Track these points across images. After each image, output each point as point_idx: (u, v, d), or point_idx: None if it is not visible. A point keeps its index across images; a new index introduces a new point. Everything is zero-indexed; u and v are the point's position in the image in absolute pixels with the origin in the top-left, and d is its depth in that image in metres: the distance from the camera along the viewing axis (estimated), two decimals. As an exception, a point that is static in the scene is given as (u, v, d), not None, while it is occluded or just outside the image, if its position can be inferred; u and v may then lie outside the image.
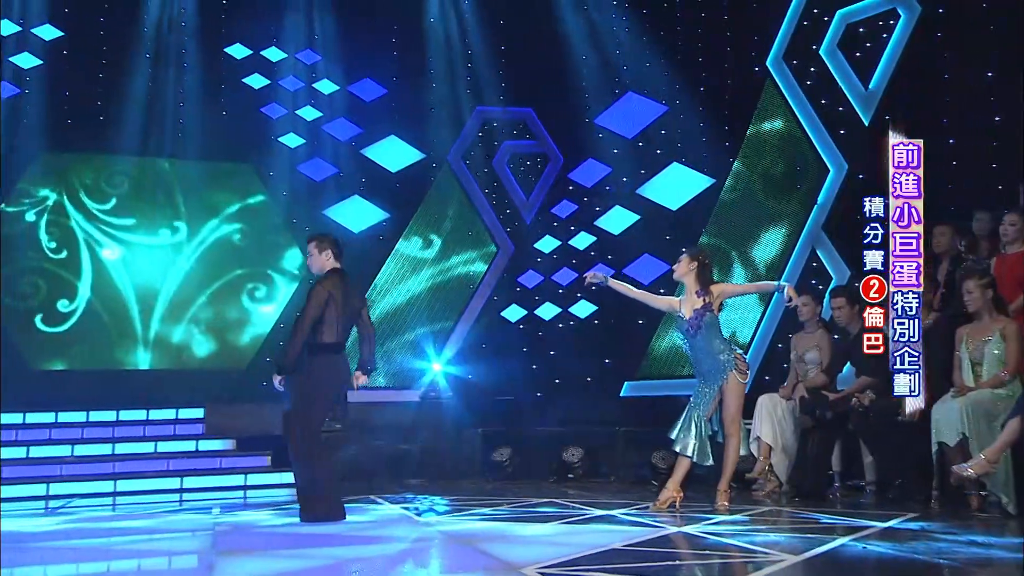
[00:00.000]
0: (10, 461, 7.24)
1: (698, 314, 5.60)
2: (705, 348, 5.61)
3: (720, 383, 5.58)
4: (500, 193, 10.81)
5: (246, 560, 4.21)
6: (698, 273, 5.69)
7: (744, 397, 5.68)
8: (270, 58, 10.34)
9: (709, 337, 5.59)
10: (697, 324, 5.59)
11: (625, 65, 9.95)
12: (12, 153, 9.30)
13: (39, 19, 9.46)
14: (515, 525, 5.10)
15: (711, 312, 5.61)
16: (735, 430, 5.62)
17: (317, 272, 5.57)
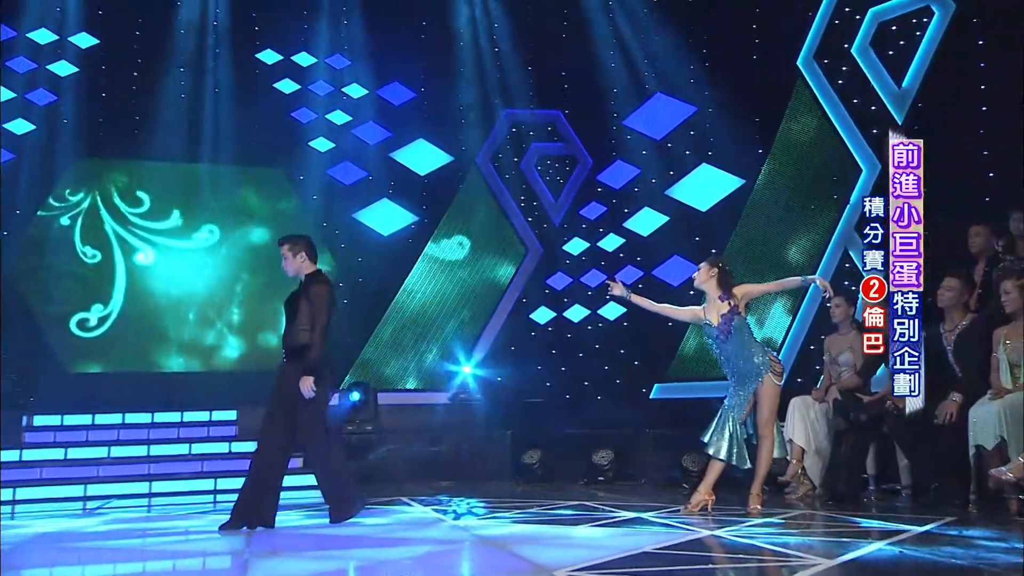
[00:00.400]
0: (49, 462, 7.38)
1: (726, 319, 5.55)
2: (738, 352, 5.56)
3: (755, 386, 5.53)
4: (529, 195, 10.83)
5: (279, 561, 4.25)
6: (719, 279, 5.64)
7: (779, 399, 5.63)
8: (300, 63, 10.45)
9: (741, 340, 5.54)
10: (727, 329, 5.55)
11: (653, 66, 9.91)
12: (49, 159, 9.49)
13: (76, 28, 9.63)
14: (545, 528, 5.10)
15: (739, 316, 5.56)
16: (768, 432, 5.56)
17: (293, 275, 5.55)
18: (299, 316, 5.36)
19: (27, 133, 9.36)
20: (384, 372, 10.19)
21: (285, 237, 5.65)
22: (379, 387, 9.53)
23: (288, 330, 5.46)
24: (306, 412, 5.28)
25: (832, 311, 6.59)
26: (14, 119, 9.30)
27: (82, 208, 9.72)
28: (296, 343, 5.33)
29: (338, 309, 10.06)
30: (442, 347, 10.40)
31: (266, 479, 5.28)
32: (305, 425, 5.31)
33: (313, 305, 5.33)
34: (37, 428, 7.95)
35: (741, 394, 5.57)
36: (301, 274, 5.54)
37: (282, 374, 5.41)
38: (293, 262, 5.50)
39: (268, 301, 10.16)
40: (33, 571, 4.35)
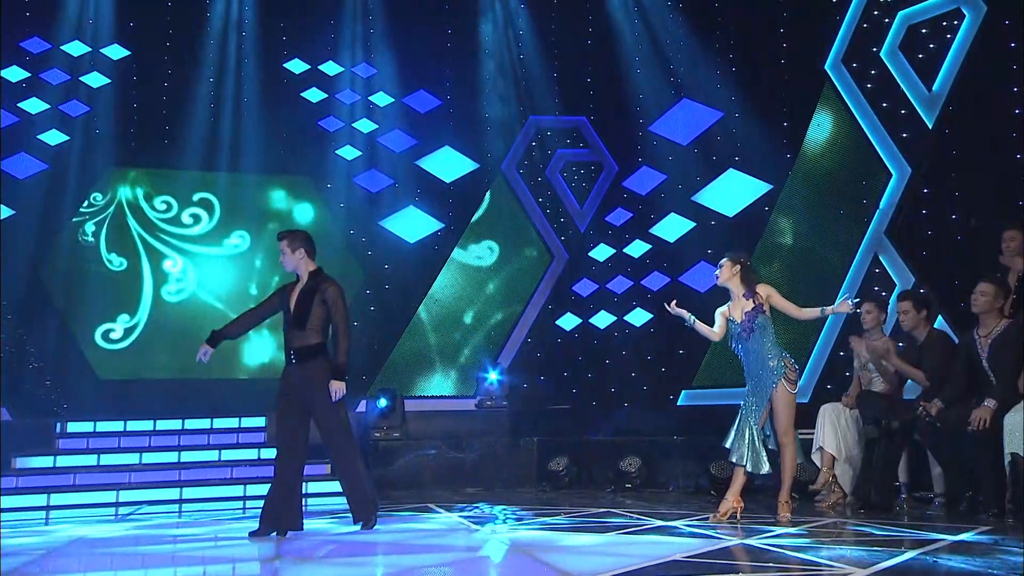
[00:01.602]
0: (82, 468, 7.47)
1: (750, 316, 5.48)
2: (757, 352, 5.49)
3: (769, 391, 5.45)
4: (554, 202, 10.83)
5: (309, 568, 4.27)
6: (742, 276, 5.57)
7: (795, 406, 5.53)
8: (327, 72, 10.54)
9: (762, 340, 5.48)
10: (750, 327, 5.48)
11: (679, 71, 9.88)
12: (81, 169, 9.64)
13: (108, 40, 9.79)
14: (573, 535, 5.08)
15: (763, 314, 5.48)
16: (789, 440, 5.48)
17: (291, 271, 5.49)
18: (312, 317, 5.29)
19: (60, 144, 9.53)
20: (411, 378, 10.22)
21: (284, 232, 5.61)
22: (406, 394, 9.58)
23: (297, 331, 5.31)
24: (331, 414, 5.26)
25: (863, 317, 6.51)
26: (48, 130, 9.47)
27: (113, 217, 9.85)
28: (307, 344, 5.28)
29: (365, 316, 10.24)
30: (468, 354, 10.42)
31: (291, 484, 5.29)
32: (331, 427, 5.28)
33: (329, 306, 5.31)
34: (71, 435, 8.06)
35: (758, 398, 5.49)
36: (300, 271, 5.48)
37: (294, 376, 5.30)
38: (292, 257, 5.46)
39: (296, 308, 10.25)
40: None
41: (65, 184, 9.56)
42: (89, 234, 9.58)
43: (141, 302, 9.79)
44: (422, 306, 10.45)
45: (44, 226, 9.42)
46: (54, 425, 8.15)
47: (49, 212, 9.46)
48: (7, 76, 9.36)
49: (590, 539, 4.89)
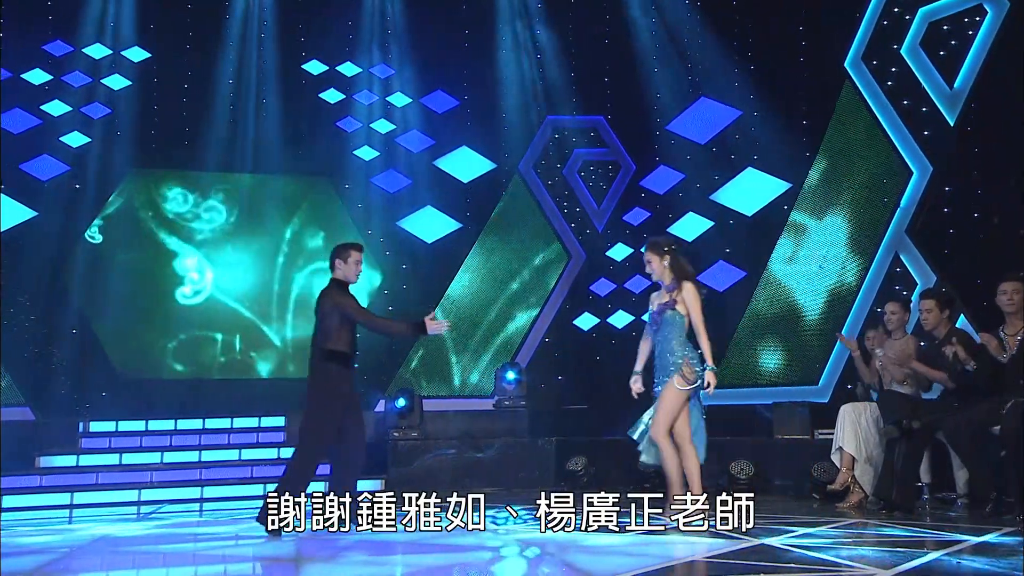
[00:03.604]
0: (105, 467, 7.54)
1: (660, 308, 5.25)
2: (662, 346, 5.25)
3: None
4: (571, 201, 10.82)
5: (329, 567, 4.29)
6: (670, 265, 5.30)
7: (681, 407, 5.21)
8: (345, 73, 10.59)
9: (668, 336, 5.21)
10: (658, 319, 5.25)
11: (697, 70, 9.85)
12: (103, 171, 9.74)
13: (129, 42, 9.89)
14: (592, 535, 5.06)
15: (673, 309, 5.22)
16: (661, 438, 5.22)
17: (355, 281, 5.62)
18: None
19: (82, 146, 9.62)
20: (428, 378, 10.26)
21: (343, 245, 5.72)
22: (423, 393, 9.60)
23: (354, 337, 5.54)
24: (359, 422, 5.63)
25: (887, 317, 6.45)
26: (70, 132, 9.57)
27: (134, 218, 9.94)
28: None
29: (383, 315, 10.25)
30: (486, 353, 10.43)
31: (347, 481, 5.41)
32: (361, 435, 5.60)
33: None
34: (93, 434, 8.15)
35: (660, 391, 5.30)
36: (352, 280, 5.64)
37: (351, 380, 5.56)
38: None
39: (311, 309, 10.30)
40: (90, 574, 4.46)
41: (87, 186, 9.66)
42: (96, 233, 9.65)
43: (165, 303, 9.86)
44: (440, 306, 10.47)
45: (66, 227, 9.52)
46: (77, 424, 8.23)
47: (71, 213, 9.57)
48: (30, 79, 9.47)
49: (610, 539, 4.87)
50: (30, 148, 9.43)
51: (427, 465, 8.22)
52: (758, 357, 9.08)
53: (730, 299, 9.39)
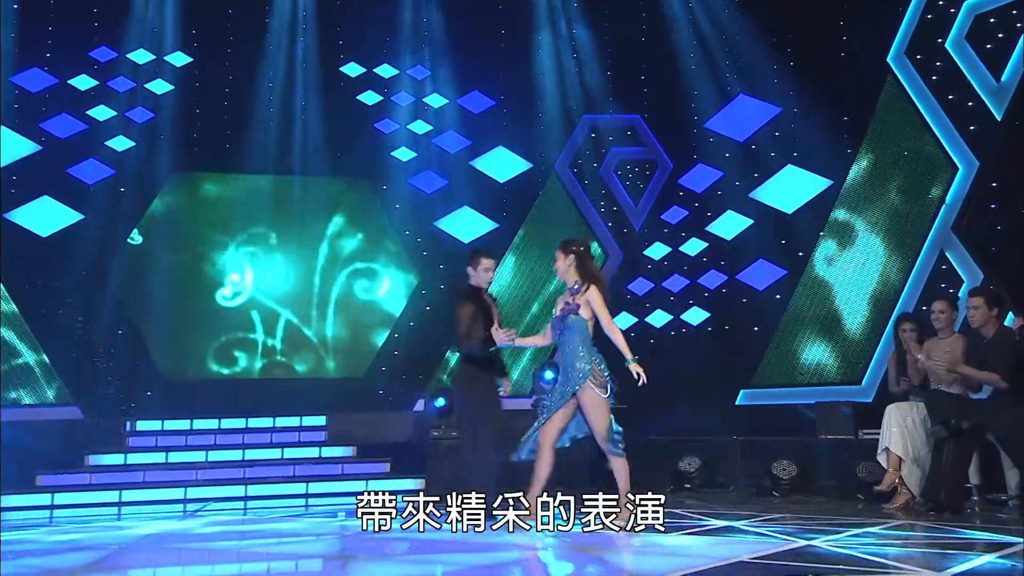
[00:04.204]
0: (151, 466, 7.68)
1: (564, 312, 5.18)
2: (566, 352, 5.19)
3: (571, 393, 5.16)
4: (608, 200, 10.78)
5: (375, 565, 4.32)
6: (576, 266, 5.26)
7: (606, 410, 5.20)
8: (382, 75, 10.66)
9: (572, 341, 5.16)
10: (560, 325, 5.19)
11: (736, 67, 9.76)
12: (147, 174, 9.91)
13: (171, 47, 10.05)
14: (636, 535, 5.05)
15: (576, 314, 5.14)
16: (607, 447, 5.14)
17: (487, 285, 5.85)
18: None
19: (127, 150, 9.80)
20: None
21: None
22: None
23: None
24: None
25: (935, 316, 6.34)
26: (115, 136, 9.75)
27: (176, 220, 10.10)
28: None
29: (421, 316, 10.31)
30: (523, 353, 10.43)
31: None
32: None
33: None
34: (140, 432, 8.30)
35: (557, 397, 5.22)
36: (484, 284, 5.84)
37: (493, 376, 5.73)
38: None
39: (352, 310, 10.40)
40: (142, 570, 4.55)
41: (131, 189, 9.83)
42: (136, 235, 9.80)
43: (207, 304, 10.01)
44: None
45: (111, 230, 9.70)
46: (124, 424, 8.39)
47: (116, 217, 9.74)
48: (76, 85, 9.66)
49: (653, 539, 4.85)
50: (76, 152, 9.62)
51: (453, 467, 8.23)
52: (799, 356, 8.98)
53: (770, 298, 9.29)
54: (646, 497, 4.56)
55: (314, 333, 10.32)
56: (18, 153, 9.42)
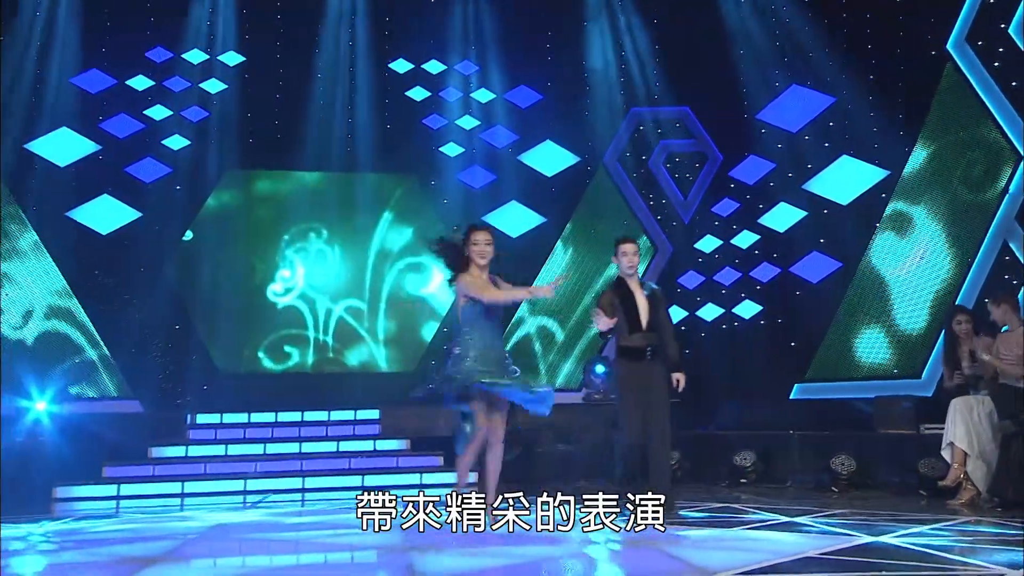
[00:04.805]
0: (211, 458, 7.84)
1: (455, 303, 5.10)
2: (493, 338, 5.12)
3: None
4: (657, 193, 10.72)
5: (440, 557, 4.35)
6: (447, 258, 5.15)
7: None
8: (430, 71, 10.71)
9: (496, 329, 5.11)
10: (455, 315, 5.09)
11: (788, 56, 9.61)
12: (201, 172, 10.08)
13: (224, 47, 10.21)
14: (695, 530, 5.03)
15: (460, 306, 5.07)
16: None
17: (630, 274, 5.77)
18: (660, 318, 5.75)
19: (182, 148, 9.98)
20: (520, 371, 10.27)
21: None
22: (513, 387, 9.64)
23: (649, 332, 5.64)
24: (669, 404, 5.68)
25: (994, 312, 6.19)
26: (171, 135, 9.94)
27: (230, 217, 10.27)
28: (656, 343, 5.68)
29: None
30: (573, 347, 10.43)
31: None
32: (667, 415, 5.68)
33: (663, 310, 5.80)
34: (200, 426, 8.46)
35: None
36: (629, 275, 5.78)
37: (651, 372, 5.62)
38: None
39: (406, 304, 10.49)
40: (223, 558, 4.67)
41: (187, 186, 10.02)
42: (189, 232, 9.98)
43: (260, 299, 10.17)
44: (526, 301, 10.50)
45: (168, 227, 9.90)
46: (184, 416, 8.56)
47: (172, 214, 9.93)
48: (134, 85, 9.87)
49: (715, 534, 4.83)
50: (134, 152, 9.83)
51: (519, 458, 8.26)
52: (855, 350, 8.84)
53: (824, 291, 9.16)
54: (646, 497, 4.46)
55: (365, 328, 10.42)
56: (79, 153, 9.65)
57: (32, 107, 9.52)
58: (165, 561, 4.42)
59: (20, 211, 9.41)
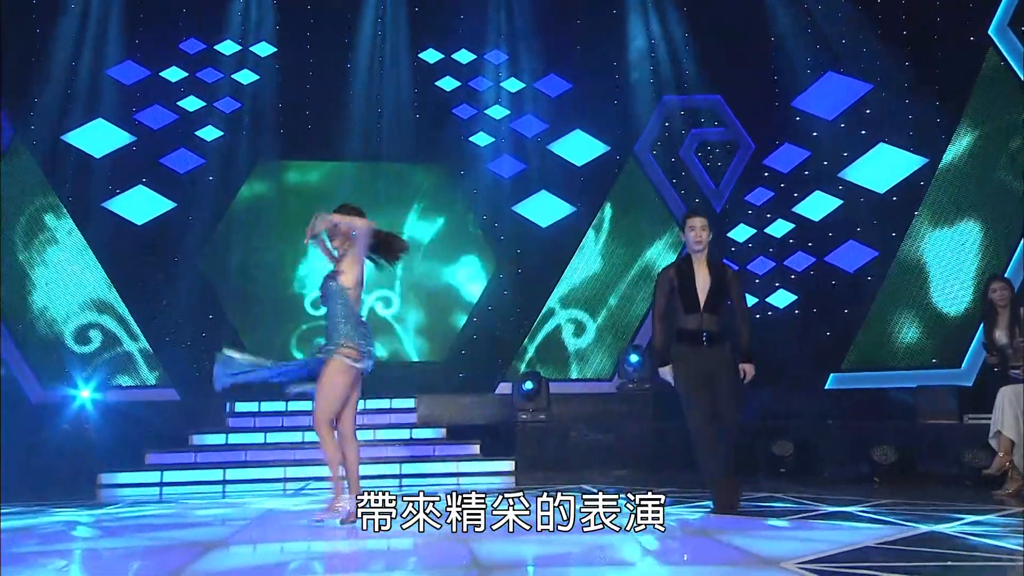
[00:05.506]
0: (252, 446, 7.90)
1: (327, 279, 5.05)
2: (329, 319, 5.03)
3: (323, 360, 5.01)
4: (688, 182, 10.68)
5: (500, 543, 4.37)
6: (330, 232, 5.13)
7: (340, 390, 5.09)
8: (460, 60, 10.70)
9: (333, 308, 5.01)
10: (324, 292, 5.05)
11: (823, 43, 9.53)
12: (234, 162, 10.14)
13: (256, 38, 10.23)
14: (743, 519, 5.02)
15: (337, 281, 5.00)
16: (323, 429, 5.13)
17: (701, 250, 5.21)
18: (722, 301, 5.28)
19: (215, 139, 10.03)
20: (549, 361, 10.32)
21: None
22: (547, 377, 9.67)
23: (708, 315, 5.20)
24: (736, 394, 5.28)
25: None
26: (204, 126, 9.98)
27: (262, 207, 10.31)
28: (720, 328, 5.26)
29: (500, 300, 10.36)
30: (605, 336, 10.43)
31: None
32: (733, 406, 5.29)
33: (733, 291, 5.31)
34: (239, 414, 8.53)
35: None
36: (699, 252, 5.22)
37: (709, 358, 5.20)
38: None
39: (435, 294, 10.51)
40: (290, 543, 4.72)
41: (220, 177, 10.07)
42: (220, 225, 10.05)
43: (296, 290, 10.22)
44: (556, 290, 10.52)
45: (202, 217, 9.96)
46: (224, 404, 8.63)
47: (206, 204, 9.99)
48: (167, 77, 9.92)
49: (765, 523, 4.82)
50: (168, 142, 9.89)
51: (556, 447, 8.29)
52: (893, 339, 8.79)
53: (860, 280, 9.11)
54: (646, 497, 4.40)
55: (395, 317, 10.46)
56: (114, 144, 9.72)
57: (69, 99, 9.58)
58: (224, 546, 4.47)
59: (59, 201, 9.50)
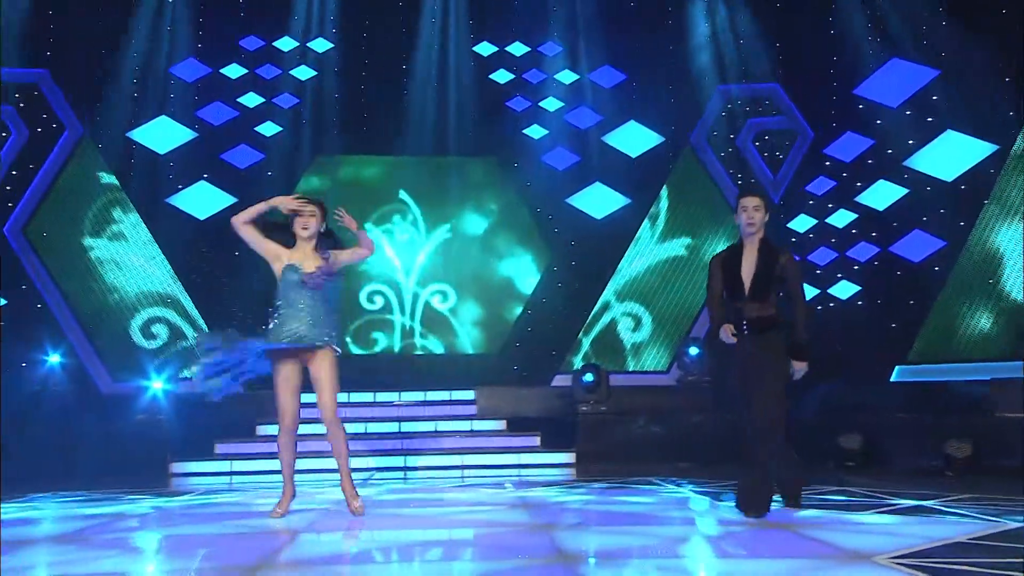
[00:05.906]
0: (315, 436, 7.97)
1: (323, 271, 5.21)
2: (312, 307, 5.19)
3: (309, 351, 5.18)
4: (745, 172, 10.55)
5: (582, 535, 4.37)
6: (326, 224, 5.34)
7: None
8: (514, 53, 10.69)
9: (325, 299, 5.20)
10: (319, 283, 5.19)
11: (886, 29, 9.34)
12: (292, 157, 10.25)
13: (314, 34, 10.33)
14: (822, 512, 4.94)
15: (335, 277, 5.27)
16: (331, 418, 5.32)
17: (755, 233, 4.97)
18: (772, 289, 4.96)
19: (274, 135, 10.15)
20: (604, 354, 10.29)
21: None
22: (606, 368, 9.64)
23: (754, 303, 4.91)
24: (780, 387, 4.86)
25: None
26: (264, 122, 10.11)
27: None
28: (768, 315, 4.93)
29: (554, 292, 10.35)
30: (661, 329, 10.36)
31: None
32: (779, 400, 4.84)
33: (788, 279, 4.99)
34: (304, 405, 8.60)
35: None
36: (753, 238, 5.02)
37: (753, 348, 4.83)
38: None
39: (490, 287, 10.53)
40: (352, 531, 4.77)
41: (279, 172, 10.20)
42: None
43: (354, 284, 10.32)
44: (612, 282, 10.47)
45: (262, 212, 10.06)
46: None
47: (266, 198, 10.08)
48: (228, 74, 10.06)
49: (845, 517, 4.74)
50: (229, 138, 10.04)
51: (618, 439, 8.27)
52: (962, 331, 8.60)
53: (927, 270, 8.92)
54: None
55: (449, 310, 10.50)
56: (177, 140, 9.89)
57: (135, 97, 9.77)
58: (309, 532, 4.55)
59: (126, 197, 9.70)
